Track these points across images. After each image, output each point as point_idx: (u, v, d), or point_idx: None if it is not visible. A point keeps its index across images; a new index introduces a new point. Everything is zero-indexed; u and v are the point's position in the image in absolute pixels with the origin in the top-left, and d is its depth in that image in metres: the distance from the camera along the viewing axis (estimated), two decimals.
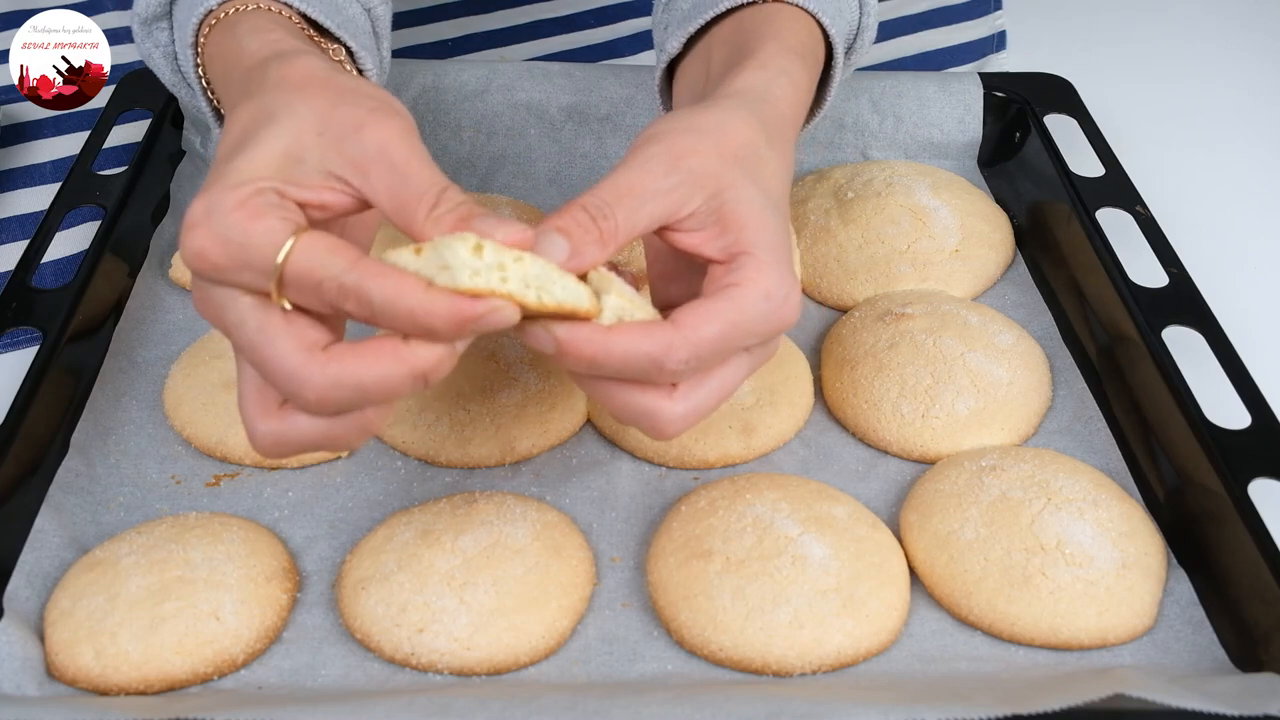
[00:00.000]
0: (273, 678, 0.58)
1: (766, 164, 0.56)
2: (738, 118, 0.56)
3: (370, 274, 0.46)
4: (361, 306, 0.47)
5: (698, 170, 0.53)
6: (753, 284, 0.52)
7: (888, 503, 0.67)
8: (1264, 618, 0.58)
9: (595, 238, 0.50)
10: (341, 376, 0.48)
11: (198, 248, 0.48)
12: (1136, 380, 0.70)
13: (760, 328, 0.52)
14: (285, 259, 0.47)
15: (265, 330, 0.48)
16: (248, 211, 0.48)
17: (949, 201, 0.82)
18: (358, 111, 0.50)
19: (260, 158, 0.50)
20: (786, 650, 0.57)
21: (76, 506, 0.65)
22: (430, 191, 0.49)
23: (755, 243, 0.52)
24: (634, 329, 0.50)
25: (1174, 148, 0.94)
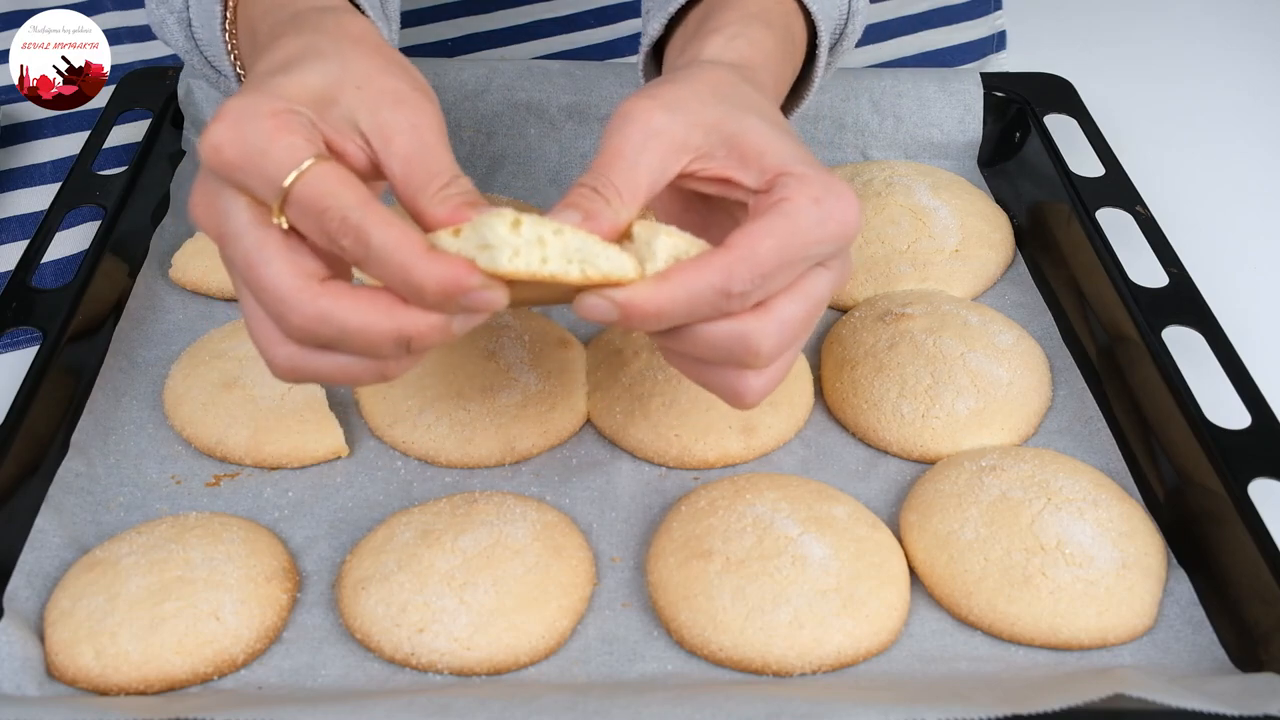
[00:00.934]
0: (273, 678, 0.58)
1: (749, 95, 0.54)
2: (703, 69, 0.55)
3: (376, 218, 0.46)
4: (358, 246, 0.47)
5: (683, 108, 0.52)
6: (798, 193, 0.50)
7: (888, 503, 0.67)
8: (1264, 618, 0.58)
9: (603, 203, 0.50)
10: (330, 313, 0.48)
11: (217, 141, 0.48)
12: (1136, 380, 0.70)
13: (820, 235, 0.50)
14: (298, 177, 0.47)
15: (263, 248, 0.48)
16: (278, 122, 0.48)
17: (949, 201, 0.82)
18: (401, 86, 0.51)
19: (303, 83, 0.50)
20: (786, 650, 0.57)
21: (76, 506, 0.65)
22: (445, 174, 0.50)
23: (785, 159, 0.51)
24: (688, 267, 0.49)
25: (1174, 148, 0.94)
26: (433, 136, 0.50)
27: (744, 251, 0.49)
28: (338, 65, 0.51)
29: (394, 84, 0.51)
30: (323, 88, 0.50)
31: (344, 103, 0.50)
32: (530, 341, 0.72)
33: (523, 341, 0.72)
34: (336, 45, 0.52)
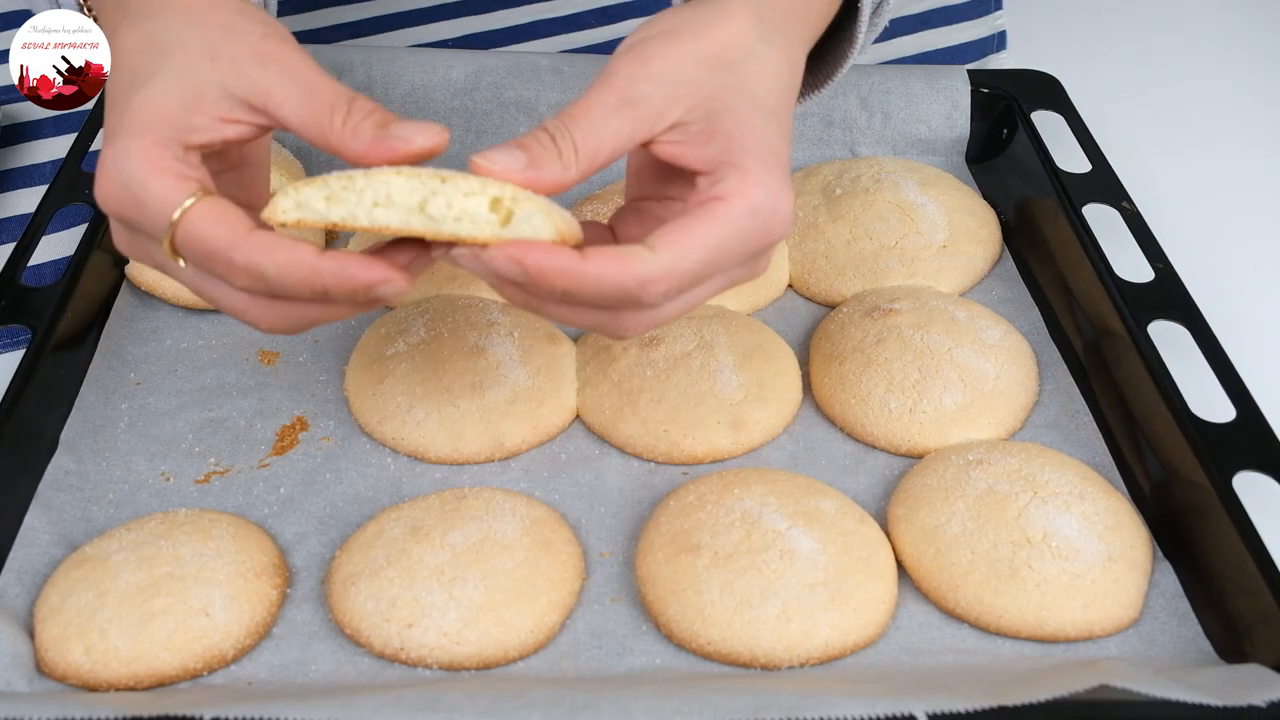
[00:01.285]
0: (262, 673, 0.58)
1: (759, 62, 0.52)
2: (729, 14, 0.52)
3: (259, 248, 0.47)
4: (254, 281, 0.47)
5: (671, 78, 0.50)
6: (738, 197, 0.49)
7: (875, 497, 0.67)
8: (1248, 610, 0.58)
9: (554, 155, 0.49)
10: (290, 310, 0.49)
11: (104, 195, 0.49)
12: (1122, 374, 0.70)
13: (746, 246, 0.50)
14: (176, 223, 0.48)
15: (196, 275, 0.50)
16: (149, 165, 0.48)
17: (937, 198, 0.83)
18: (250, 39, 0.50)
19: (158, 97, 0.49)
20: (774, 643, 0.58)
21: (66, 503, 0.65)
22: (340, 101, 0.49)
23: (742, 150, 0.50)
24: (610, 258, 0.47)
25: (1163, 145, 0.95)
26: (306, 73, 0.50)
27: (668, 261, 0.48)
28: (181, 54, 0.50)
29: (246, 42, 0.50)
30: (179, 87, 0.50)
31: (208, 84, 0.50)
32: (519, 338, 0.72)
33: (512, 338, 0.72)
34: (171, 28, 0.51)
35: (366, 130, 0.48)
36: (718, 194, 0.49)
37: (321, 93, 0.49)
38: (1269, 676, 0.53)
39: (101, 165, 0.49)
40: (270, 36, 0.50)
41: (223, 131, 0.50)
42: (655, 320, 0.51)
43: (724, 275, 0.51)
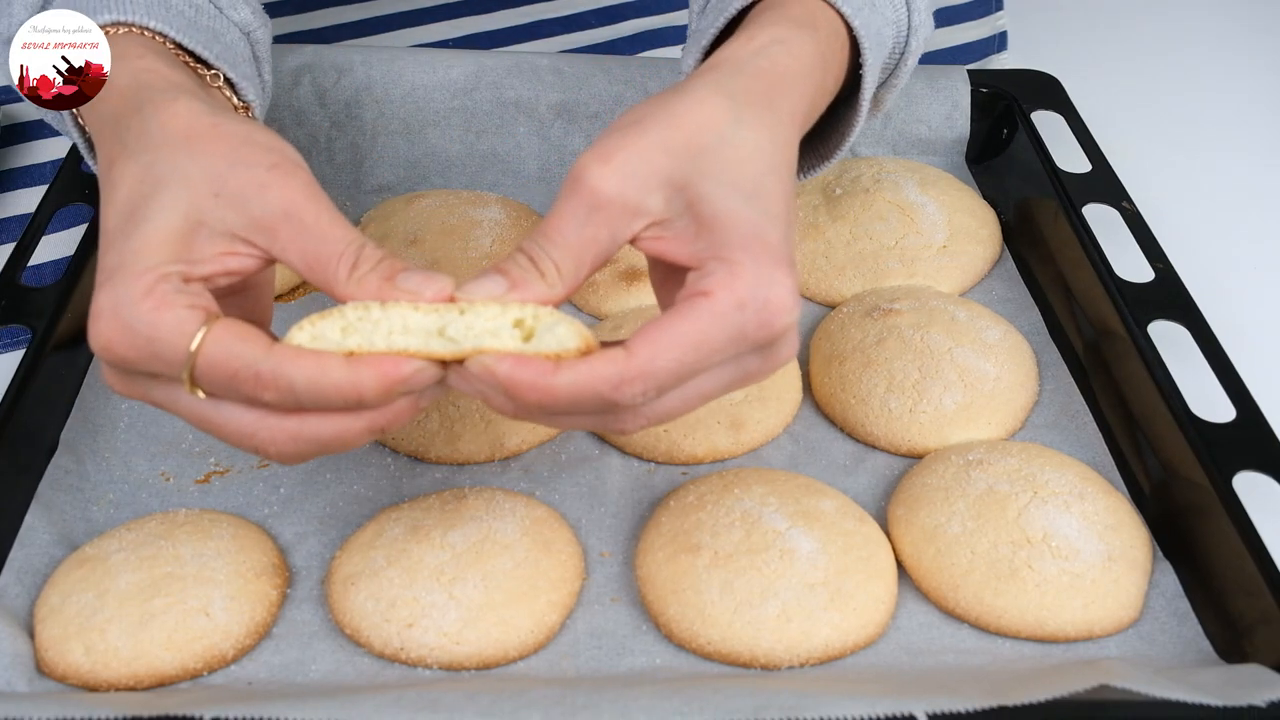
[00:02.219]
0: (262, 673, 0.58)
1: (734, 145, 0.49)
2: (697, 99, 0.50)
3: (285, 359, 0.46)
4: (283, 394, 0.46)
5: (640, 172, 0.48)
6: (723, 291, 0.47)
7: (875, 497, 0.67)
8: (1248, 610, 0.58)
9: (536, 277, 0.48)
10: (300, 431, 0.48)
11: (105, 341, 0.47)
12: (1122, 374, 0.70)
13: (736, 341, 0.47)
14: (197, 351, 0.46)
15: (201, 407, 0.48)
16: (154, 301, 0.46)
17: (937, 198, 0.83)
18: (256, 171, 0.48)
19: (157, 235, 0.48)
20: (774, 643, 0.58)
21: (66, 503, 0.65)
22: (349, 251, 0.47)
23: (726, 241, 0.47)
24: (580, 364, 0.46)
25: (1161, 144, 0.95)
26: (312, 212, 0.48)
27: (642, 362, 0.46)
28: (182, 189, 0.48)
29: (247, 174, 0.48)
30: (180, 222, 0.48)
31: (209, 219, 0.48)
32: None
33: None
34: (171, 160, 0.49)
35: (373, 283, 0.47)
36: (702, 289, 0.47)
37: (330, 241, 0.47)
38: (1269, 676, 0.53)
39: (99, 310, 0.47)
40: (278, 168, 0.48)
41: (225, 263, 0.49)
42: (652, 417, 0.49)
43: (722, 370, 0.49)
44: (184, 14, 0.60)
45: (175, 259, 0.48)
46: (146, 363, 0.48)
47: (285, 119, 0.88)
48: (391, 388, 0.46)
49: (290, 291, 0.79)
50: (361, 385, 0.46)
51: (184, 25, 0.59)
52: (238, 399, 0.47)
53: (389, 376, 0.46)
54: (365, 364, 0.46)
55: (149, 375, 0.49)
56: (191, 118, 0.50)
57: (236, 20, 0.63)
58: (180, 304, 0.47)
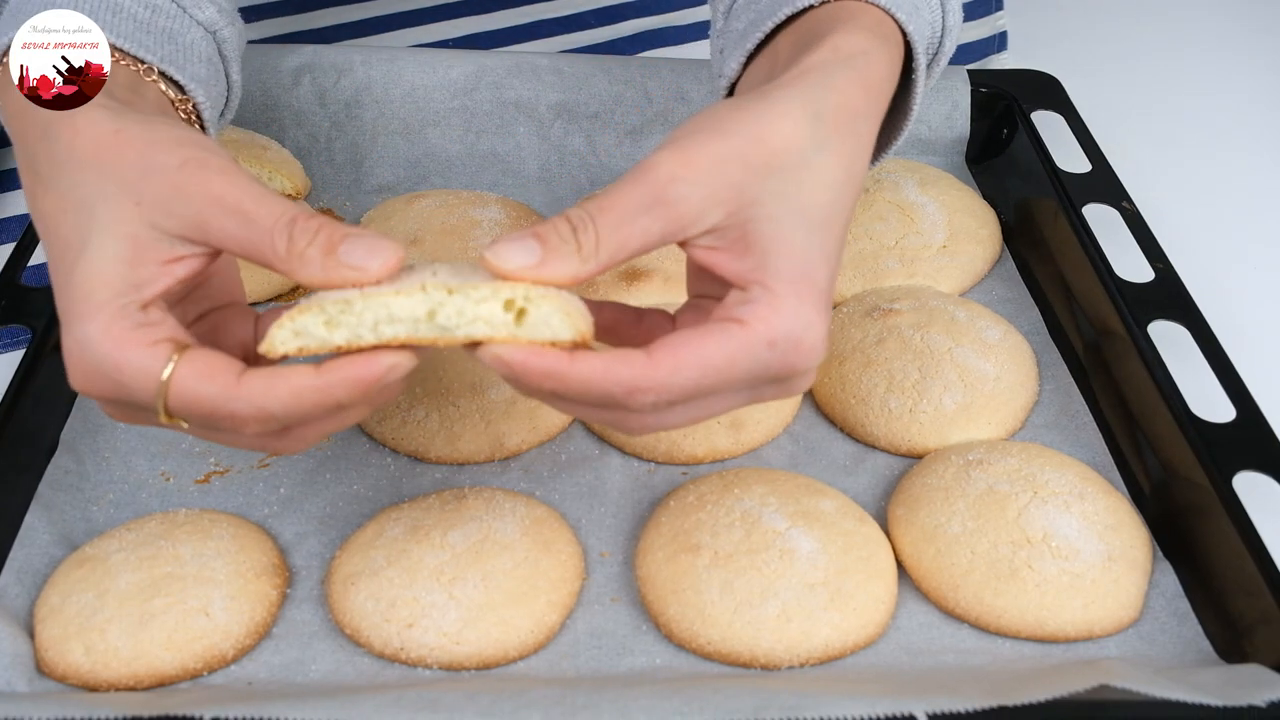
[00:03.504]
0: (262, 673, 0.58)
1: (811, 170, 0.48)
2: (782, 113, 0.48)
3: (259, 391, 0.45)
4: (265, 423, 0.46)
5: (713, 180, 0.47)
6: (760, 324, 0.46)
7: (875, 497, 0.67)
8: (1248, 610, 0.58)
9: (572, 249, 0.46)
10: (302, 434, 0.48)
11: (81, 384, 0.48)
12: (1122, 374, 0.70)
13: (759, 374, 0.47)
14: (166, 390, 0.46)
15: (199, 430, 0.49)
16: (113, 342, 0.46)
17: (937, 198, 0.83)
18: (168, 173, 0.47)
19: (97, 267, 0.47)
20: (774, 643, 0.58)
21: (66, 503, 0.65)
22: (279, 226, 0.46)
23: (776, 272, 0.47)
24: (599, 362, 0.45)
25: (1161, 144, 0.95)
26: (234, 195, 0.47)
27: (660, 374, 0.46)
28: (107, 209, 0.47)
29: (165, 178, 0.47)
30: (115, 246, 0.47)
31: (141, 232, 0.47)
32: None
33: None
34: (89, 183, 0.48)
35: (315, 258, 0.46)
36: (739, 316, 0.46)
37: (258, 219, 0.46)
38: (1269, 676, 0.53)
39: (67, 354, 0.47)
40: (189, 163, 0.47)
41: (174, 273, 0.48)
42: (660, 424, 0.48)
43: (736, 394, 0.49)
44: (135, 16, 0.59)
45: (123, 289, 0.47)
46: (123, 399, 0.48)
47: (285, 119, 0.89)
48: (368, 390, 0.46)
49: (290, 292, 0.79)
50: (337, 396, 0.46)
51: (129, 29, 0.58)
52: (215, 435, 0.48)
53: (363, 381, 0.45)
54: (336, 373, 0.45)
55: (131, 406, 0.49)
56: (94, 131, 0.49)
57: (201, 19, 0.62)
58: (141, 341, 0.46)
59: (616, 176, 0.87)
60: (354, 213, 0.87)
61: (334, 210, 0.87)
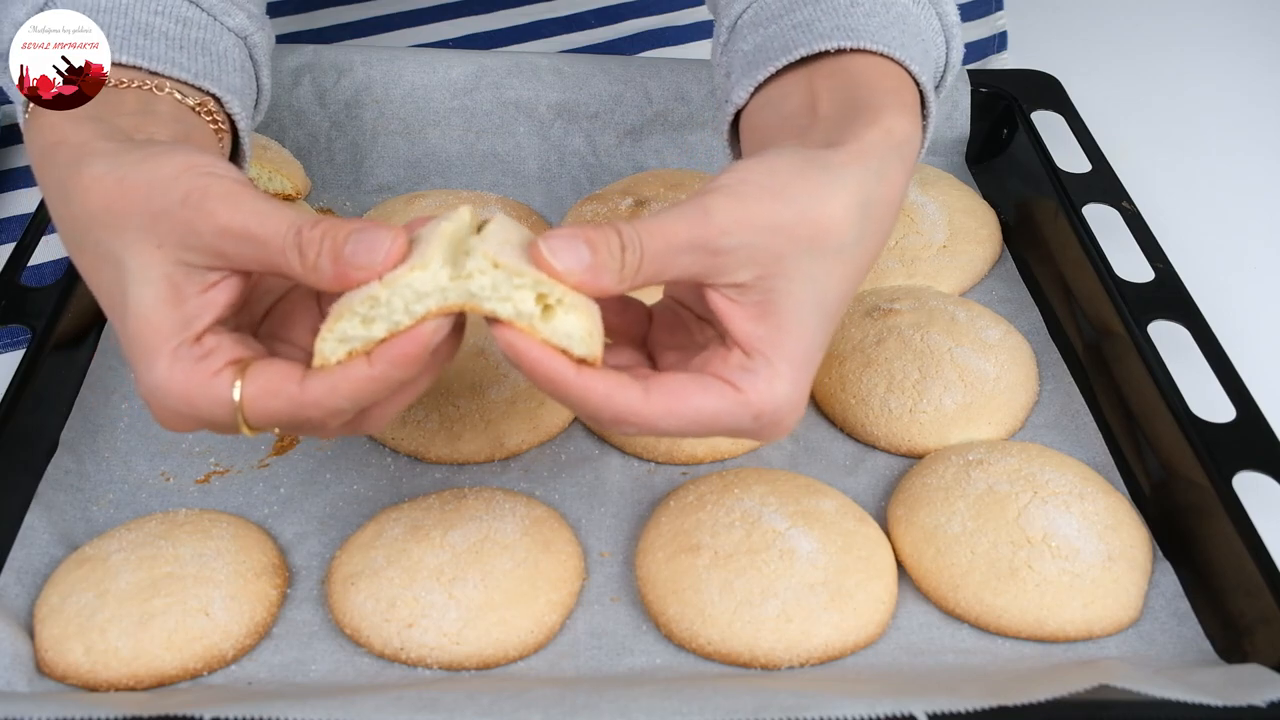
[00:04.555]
0: (262, 673, 0.58)
1: (843, 262, 0.50)
2: (838, 196, 0.50)
3: (323, 394, 0.47)
4: (340, 415, 0.48)
5: (761, 245, 0.48)
6: (754, 396, 0.48)
7: (875, 497, 0.67)
8: (1248, 609, 0.58)
9: (616, 266, 0.47)
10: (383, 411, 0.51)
11: (168, 425, 0.51)
12: (1122, 374, 0.70)
13: (734, 430, 0.50)
14: (242, 410, 0.48)
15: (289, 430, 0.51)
16: (179, 384, 0.48)
17: (936, 198, 0.83)
18: (173, 213, 0.48)
19: (146, 313, 0.49)
20: (774, 643, 0.58)
21: (66, 503, 0.65)
22: (288, 244, 0.47)
23: (782, 349, 0.49)
24: (601, 384, 0.48)
25: (1161, 144, 0.95)
26: (238, 221, 0.48)
27: (651, 412, 0.48)
28: (134, 260, 0.49)
29: (168, 218, 0.48)
30: (154, 291, 0.49)
31: (172, 270, 0.49)
32: None
33: None
34: (106, 237, 0.50)
35: (326, 267, 0.47)
36: (736, 382, 0.49)
37: (267, 241, 0.48)
38: (1269, 676, 0.53)
39: (146, 399, 0.50)
40: (190, 197, 0.48)
41: (216, 300, 0.49)
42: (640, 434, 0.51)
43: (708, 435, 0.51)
44: (167, 34, 0.60)
45: (173, 330, 0.49)
46: (204, 427, 0.50)
47: (285, 119, 0.89)
48: (419, 361, 0.47)
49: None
50: (394, 376, 0.47)
51: (161, 49, 0.59)
52: (298, 432, 0.51)
53: (412, 357, 0.47)
54: (386, 358, 0.47)
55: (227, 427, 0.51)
56: (100, 187, 0.50)
57: (232, 26, 0.63)
58: (204, 374, 0.48)
59: (617, 177, 0.88)
60: (354, 213, 0.87)
61: (333, 210, 0.87)
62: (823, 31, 0.58)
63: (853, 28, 0.58)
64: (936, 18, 0.63)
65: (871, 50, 0.57)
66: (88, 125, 0.54)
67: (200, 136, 0.58)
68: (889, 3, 0.60)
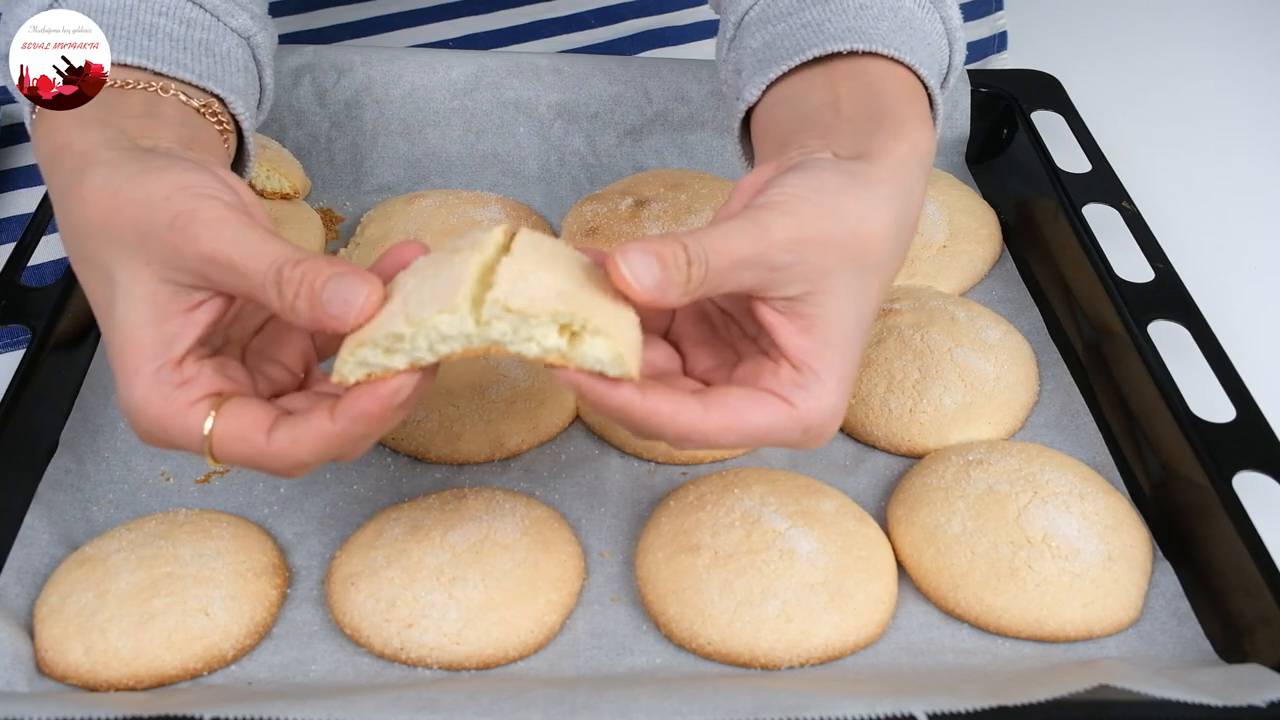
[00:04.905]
0: (262, 673, 0.58)
1: (880, 275, 0.53)
2: (883, 211, 0.52)
3: (290, 448, 0.49)
4: (300, 467, 0.50)
5: (813, 262, 0.50)
6: (805, 411, 0.50)
7: (875, 497, 0.67)
8: (1248, 609, 0.58)
9: (681, 281, 0.48)
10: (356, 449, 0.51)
11: (144, 439, 0.52)
12: (1122, 374, 0.70)
13: (781, 441, 0.51)
14: (210, 447, 0.50)
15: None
16: (156, 408, 0.50)
17: (937, 198, 0.83)
18: (161, 235, 0.49)
19: (130, 329, 0.50)
20: (774, 643, 0.58)
21: (66, 503, 0.65)
22: (269, 281, 0.48)
23: (831, 364, 0.50)
24: (666, 402, 0.49)
25: (1161, 144, 0.95)
26: (223, 250, 0.48)
27: (711, 430, 0.49)
28: (124, 274, 0.50)
29: (157, 238, 0.49)
30: (138, 307, 0.50)
31: (157, 289, 0.50)
32: None
33: None
34: (98, 249, 0.51)
35: (303, 309, 0.48)
36: (789, 398, 0.50)
37: (248, 274, 0.48)
38: (1269, 676, 0.53)
39: (124, 415, 0.51)
40: (179, 220, 0.49)
41: (198, 321, 0.50)
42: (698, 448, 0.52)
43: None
44: (171, 35, 0.60)
45: (155, 351, 0.50)
46: (174, 448, 0.52)
47: (285, 119, 0.89)
48: (381, 419, 0.48)
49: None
50: (355, 432, 0.48)
51: (165, 50, 0.59)
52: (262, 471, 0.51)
53: (373, 415, 0.48)
54: (348, 413, 0.48)
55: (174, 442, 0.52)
56: (97, 199, 0.51)
57: (235, 27, 0.64)
58: (181, 403, 0.50)
59: (617, 177, 0.88)
60: (354, 213, 0.87)
61: (333, 210, 0.87)
62: (834, 33, 0.59)
63: (864, 30, 0.59)
64: (940, 21, 0.64)
65: (883, 54, 0.58)
66: (94, 130, 0.54)
67: (205, 138, 0.58)
68: (896, 6, 0.61)
